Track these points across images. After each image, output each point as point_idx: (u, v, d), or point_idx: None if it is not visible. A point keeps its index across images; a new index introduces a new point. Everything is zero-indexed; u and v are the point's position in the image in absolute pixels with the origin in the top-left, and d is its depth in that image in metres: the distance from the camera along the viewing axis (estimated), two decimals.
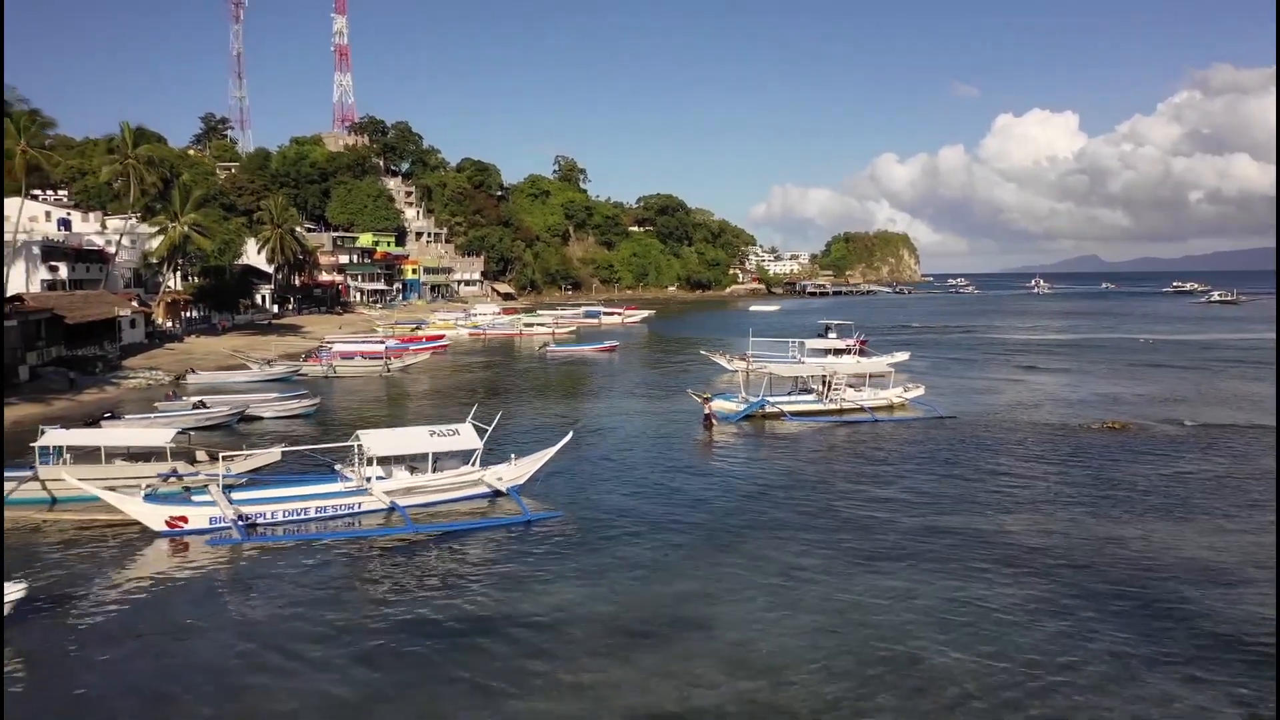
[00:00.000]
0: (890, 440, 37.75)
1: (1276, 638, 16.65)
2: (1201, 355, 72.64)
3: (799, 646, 17.09)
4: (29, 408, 46.58)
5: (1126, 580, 20.68)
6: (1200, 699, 14.99)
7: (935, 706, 14.72)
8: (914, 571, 21.28)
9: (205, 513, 24.21)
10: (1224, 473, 31.29)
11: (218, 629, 18.39)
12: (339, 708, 14.95)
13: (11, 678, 16.22)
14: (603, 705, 14.93)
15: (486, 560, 22.64)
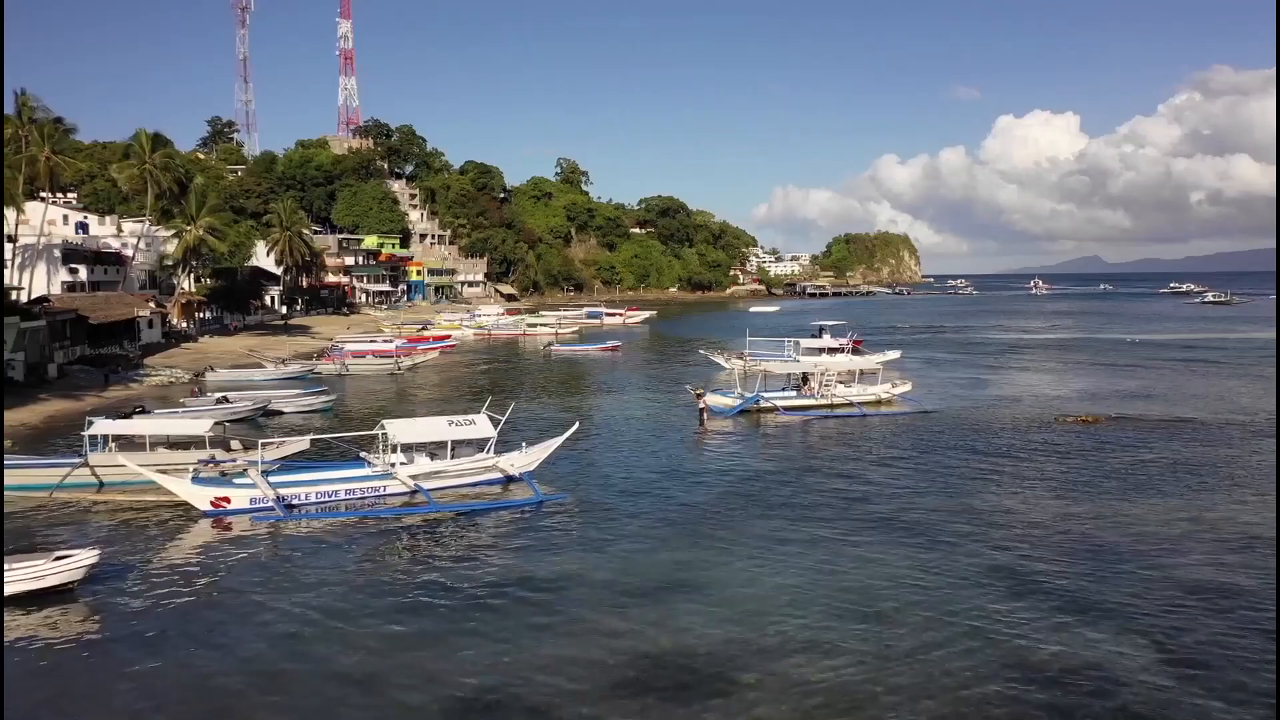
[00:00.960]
0: (875, 432, 40.23)
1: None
2: (1183, 354, 75.08)
3: (778, 602, 19.57)
4: (60, 403, 49.07)
5: (1073, 549, 23.17)
6: (1116, 643, 17.39)
7: (893, 650, 17.14)
8: (885, 543, 23.78)
9: (246, 494, 26.71)
10: (1180, 460, 33.77)
11: (264, 589, 20.86)
12: (373, 653, 17.36)
13: (90, 631, 18.67)
14: (606, 648, 17.37)
15: (501, 535, 25.14)
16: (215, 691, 15.85)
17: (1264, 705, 14.98)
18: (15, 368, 50.85)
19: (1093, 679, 15.89)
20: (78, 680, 16.42)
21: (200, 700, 15.55)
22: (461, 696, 15.51)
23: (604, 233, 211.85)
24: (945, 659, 16.72)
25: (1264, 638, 17.60)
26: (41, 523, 26.18)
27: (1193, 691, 15.52)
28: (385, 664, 16.86)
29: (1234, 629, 18.13)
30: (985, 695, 15.32)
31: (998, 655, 16.88)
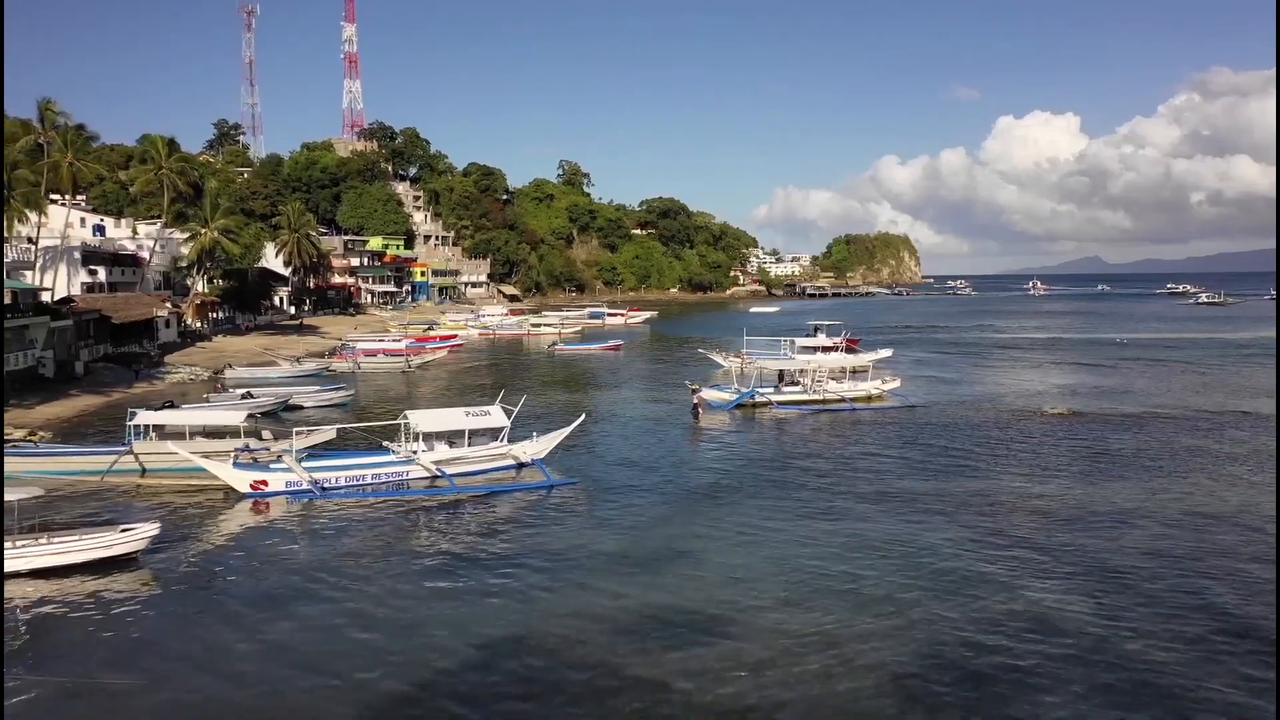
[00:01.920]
0: (863, 424, 42.80)
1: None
2: (1166, 354, 77.53)
3: (764, 568, 22.12)
4: (89, 398, 51.64)
5: (1031, 524, 25.74)
6: (1059, 600, 19.90)
7: (864, 606, 19.65)
8: (863, 519, 26.37)
9: (282, 477, 29.28)
10: (1141, 449, 36.44)
11: (305, 558, 23.43)
12: (407, 608, 19.90)
13: (153, 592, 21.16)
14: (610, 605, 19.90)
15: (517, 514, 27.70)
16: (270, 642, 18.37)
17: (1161, 641, 17.52)
18: (46, 365, 53.40)
19: (1038, 627, 18.41)
20: (144, 634, 18.94)
21: (257, 650, 18.03)
22: (486, 641, 18.03)
23: (605, 234, 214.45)
24: (910, 612, 19.25)
25: (1183, 591, 20.20)
26: (98, 503, 28.69)
27: (1116, 630, 18.03)
28: (419, 616, 19.42)
29: (1161, 588, 20.71)
30: (941, 639, 17.84)
31: (955, 609, 19.39)
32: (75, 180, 71.56)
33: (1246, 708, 15.17)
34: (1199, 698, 15.55)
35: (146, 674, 16.83)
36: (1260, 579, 21.21)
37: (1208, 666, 16.71)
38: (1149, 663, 16.88)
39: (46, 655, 17.70)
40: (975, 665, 16.69)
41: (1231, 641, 17.78)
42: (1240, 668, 16.63)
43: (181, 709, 15.56)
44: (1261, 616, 18.97)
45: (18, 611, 19.84)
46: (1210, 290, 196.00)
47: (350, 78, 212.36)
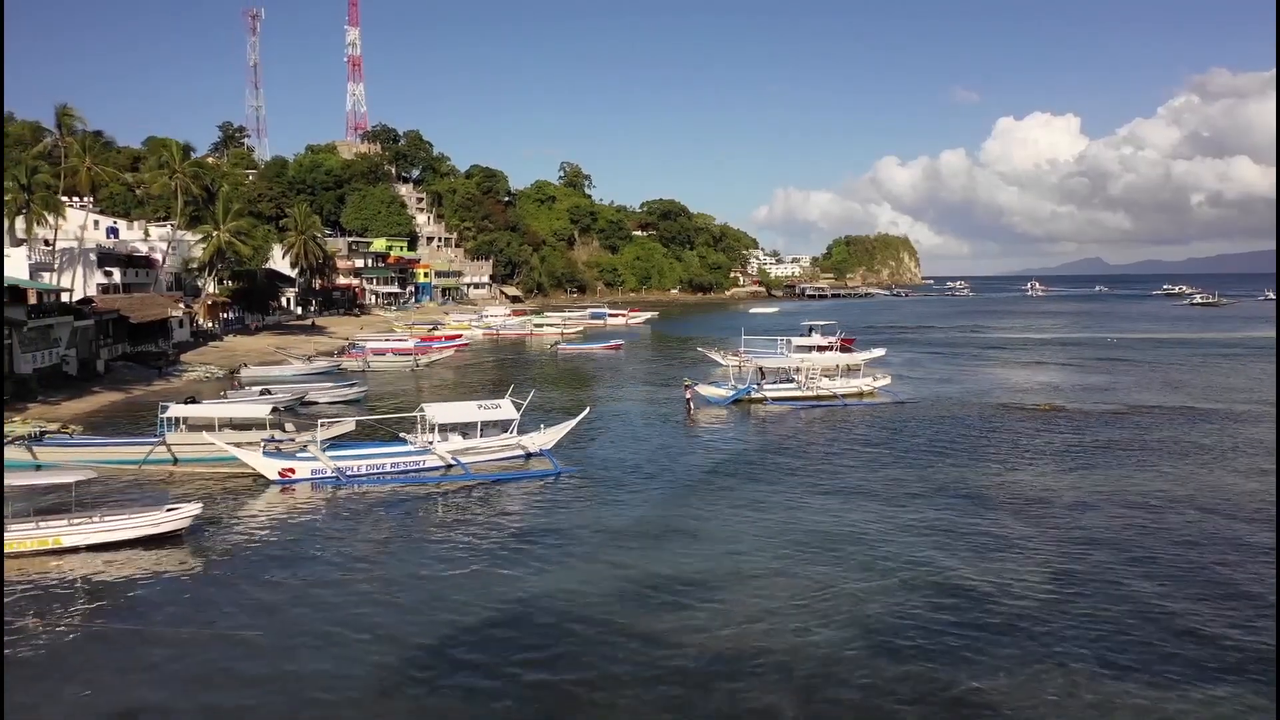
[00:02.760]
0: (854, 419, 44.99)
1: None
2: (1153, 352, 79.73)
3: (752, 544, 24.33)
4: (111, 395, 53.85)
5: (1002, 506, 27.91)
6: (1018, 573, 22.04)
7: (842, 575, 21.80)
8: (846, 502, 28.63)
9: (308, 465, 31.51)
10: (1114, 440, 38.67)
11: (333, 535, 25.63)
12: (430, 577, 22.07)
13: (196, 566, 23.29)
14: (614, 574, 22.08)
15: (527, 498, 29.90)
16: (305, 603, 20.55)
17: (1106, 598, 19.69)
18: (70, 363, 55.58)
19: (998, 592, 20.56)
20: (196, 594, 21.11)
21: (296, 609, 20.19)
22: (503, 603, 20.21)
23: (606, 235, 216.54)
24: (883, 580, 21.44)
25: (1129, 561, 22.39)
26: (142, 488, 30.83)
27: (1064, 593, 20.20)
28: (438, 582, 21.64)
29: (1113, 562, 22.90)
30: (909, 603, 20.01)
31: (924, 577, 21.58)
32: (94, 185, 73.60)
33: (1185, 658, 17.27)
34: (1128, 647, 17.67)
35: (205, 625, 19.10)
36: (1195, 555, 23.42)
37: (1145, 626, 18.85)
38: (1091, 619, 19.02)
39: (110, 611, 19.88)
40: (938, 624, 18.82)
41: (1169, 598, 19.95)
42: (1181, 622, 18.77)
43: (231, 649, 17.71)
44: (1188, 586, 21.15)
45: (78, 581, 21.98)
46: (1204, 291, 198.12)
47: (353, 80, 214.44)
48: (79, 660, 17.52)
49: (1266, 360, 70.33)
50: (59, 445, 35.03)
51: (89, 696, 15.97)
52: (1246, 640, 17.95)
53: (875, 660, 17.05)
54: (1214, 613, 19.42)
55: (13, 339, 49.36)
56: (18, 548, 23.46)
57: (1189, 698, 15.68)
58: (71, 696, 15.95)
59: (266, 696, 15.95)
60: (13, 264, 61.30)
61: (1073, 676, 16.42)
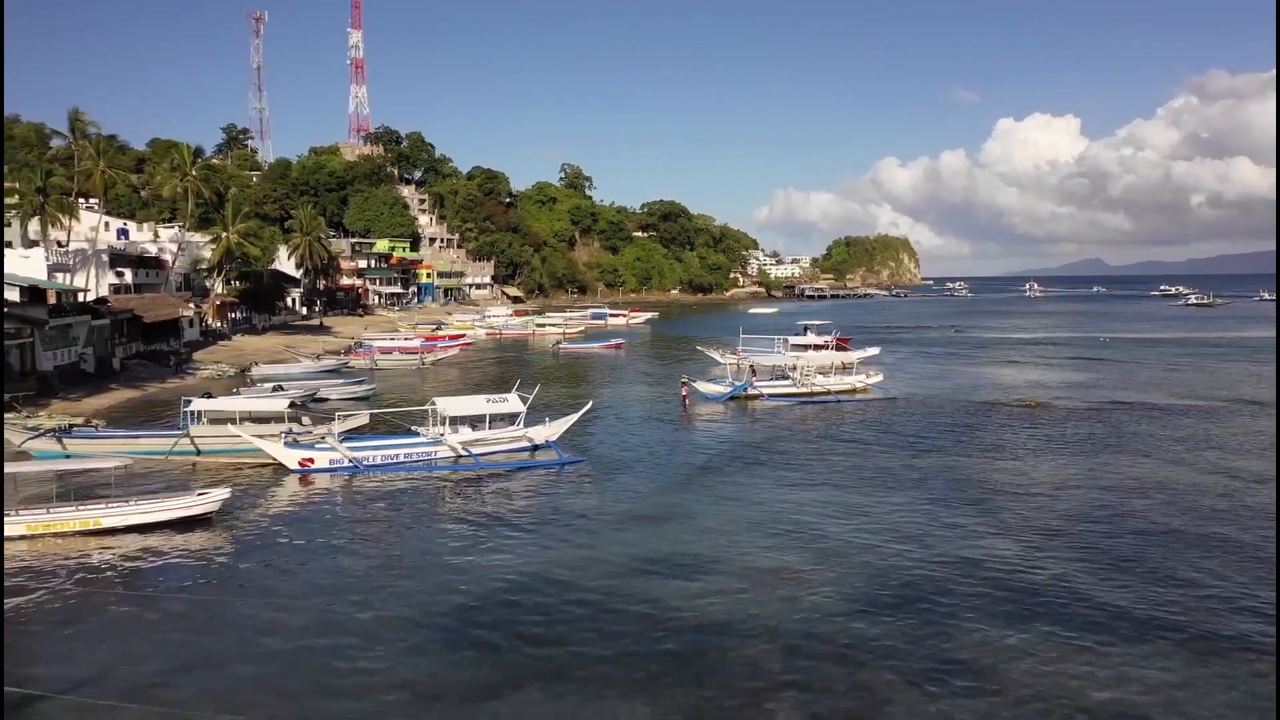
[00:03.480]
0: (845, 414, 46.77)
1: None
2: (1144, 351, 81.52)
3: (745, 525, 26.11)
4: (128, 392, 55.59)
5: (982, 493, 29.67)
6: (994, 547, 23.78)
7: (829, 552, 23.54)
8: (835, 488, 30.45)
9: (326, 455, 33.25)
10: (1094, 433, 40.54)
11: (352, 519, 27.38)
12: (438, 555, 23.80)
13: (226, 547, 24.99)
14: (618, 551, 23.81)
15: (534, 486, 31.67)
16: (328, 575, 22.29)
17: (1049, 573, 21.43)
18: (87, 361, 57.33)
19: (969, 569, 22.28)
20: (220, 577, 22.88)
21: (319, 581, 21.93)
22: (512, 576, 21.93)
23: (607, 236, 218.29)
24: (863, 556, 23.19)
25: (1097, 544, 24.14)
26: (168, 476, 32.57)
27: (1032, 566, 21.93)
28: (451, 558, 23.40)
29: (1077, 540, 24.69)
30: (886, 575, 21.75)
31: (903, 554, 23.31)
32: (107, 188, 75.32)
33: (1134, 619, 18.99)
34: (1079, 611, 19.40)
35: (238, 591, 20.90)
36: (1153, 536, 25.17)
37: (1103, 594, 20.60)
38: (1056, 589, 20.77)
39: (143, 584, 21.62)
40: (915, 593, 20.56)
41: (1125, 572, 21.71)
42: (1140, 587, 20.51)
43: (257, 618, 19.46)
44: (1144, 557, 22.92)
45: (117, 560, 23.69)
46: (1200, 292, 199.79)
47: (356, 83, 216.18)
48: (116, 627, 19.28)
49: (1251, 359, 72.18)
50: (87, 437, 36.78)
51: (123, 661, 17.64)
52: (1186, 604, 19.71)
53: (855, 624, 18.79)
54: (1163, 585, 21.19)
55: (34, 337, 51.08)
56: (60, 528, 25.23)
57: (1136, 652, 17.38)
58: (107, 660, 17.64)
59: (291, 661, 17.61)
60: (31, 265, 63.06)
61: (1032, 635, 18.16)
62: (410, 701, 15.69)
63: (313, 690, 16.19)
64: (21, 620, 19.34)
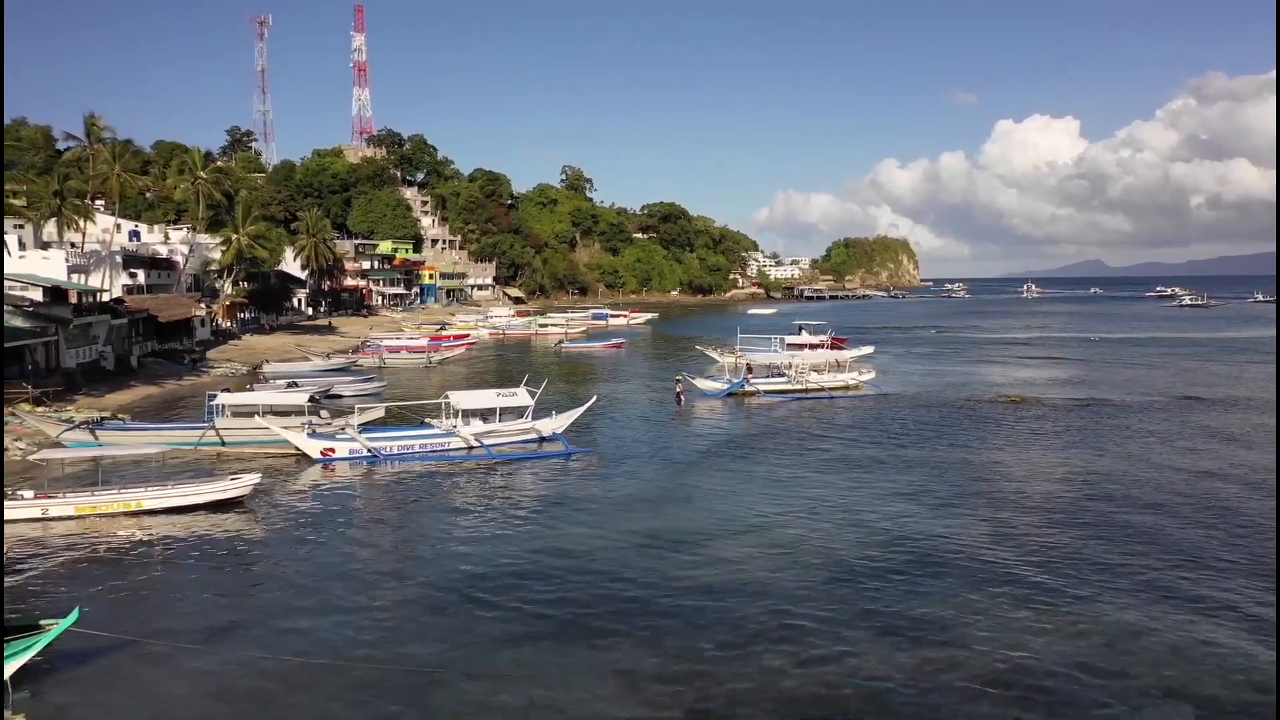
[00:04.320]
0: (838, 408, 48.96)
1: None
2: (1131, 350, 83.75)
3: (739, 506, 28.26)
4: (147, 388, 57.64)
5: (961, 479, 31.77)
6: (976, 525, 25.85)
7: (815, 532, 25.62)
8: (823, 473, 32.65)
9: (346, 446, 35.36)
10: (1071, 425, 42.85)
11: (374, 504, 29.47)
12: (454, 535, 25.86)
13: (256, 528, 27.04)
14: (624, 530, 25.89)
15: (542, 474, 33.82)
16: (353, 549, 24.38)
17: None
18: (107, 359, 59.38)
19: (943, 544, 24.37)
20: (251, 553, 24.97)
21: (343, 561, 23.98)
22: (523, 553, 23.99)
23: (607, 238, 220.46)
24: (848, 531, 25.27)
25: (1062, 520, 26.25)
26: (199, 465, 34.65)
27: (997, 546, 24.01)
28: (466, 538, 25.45)
29: (1044, 518, 26.84)
30: (867, 548, 23.83)
31: (884, 530, 25.42)
32: (123, 192, 77.40)
33: (1093, 583, 21.05)
34: (1031, 575, 21.46)
35: (270, 561, 22.96)
36: (1118, 515, 27.26)
37: (1068, 561, 22.68)
38: (1017, 558, 22.85)
39: (182, 558, 23.69)
40: (893, 564, 22.64)
41: (1088, 544, 23.81)
42: (1098, 557, 22.58)
43: (287, 589, 21.51)
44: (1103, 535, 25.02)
45: (154, 545, 25.73)
46: (1194, 293, 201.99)
47: (359, 86, 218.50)
48: (163, 595, 21.35)
49: (1232, 360, 74.32)
50: (118, 429, 38.85)
51: (167, 623, 19.71)
52: (1137, 565, 21.80)
53: (837, 589, 20.90)
54: (1123, 550, 23.27)
55: (59, 336, 53.15)
56: (105, 509, 27.33)
57: (1095, 610, 19.45)
58: (153, 623, 19.69)
59: (320, 624, 19.60)
60: (51, 266, 65.13)
61: (1000, 600, 20.26)
62: (439, 650, 17.72)
63: (345, 640, 18.20)
64: (75, 579, 21.43)
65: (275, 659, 17.17)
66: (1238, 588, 20.99)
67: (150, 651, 17.57)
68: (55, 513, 26.79)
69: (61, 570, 22.74)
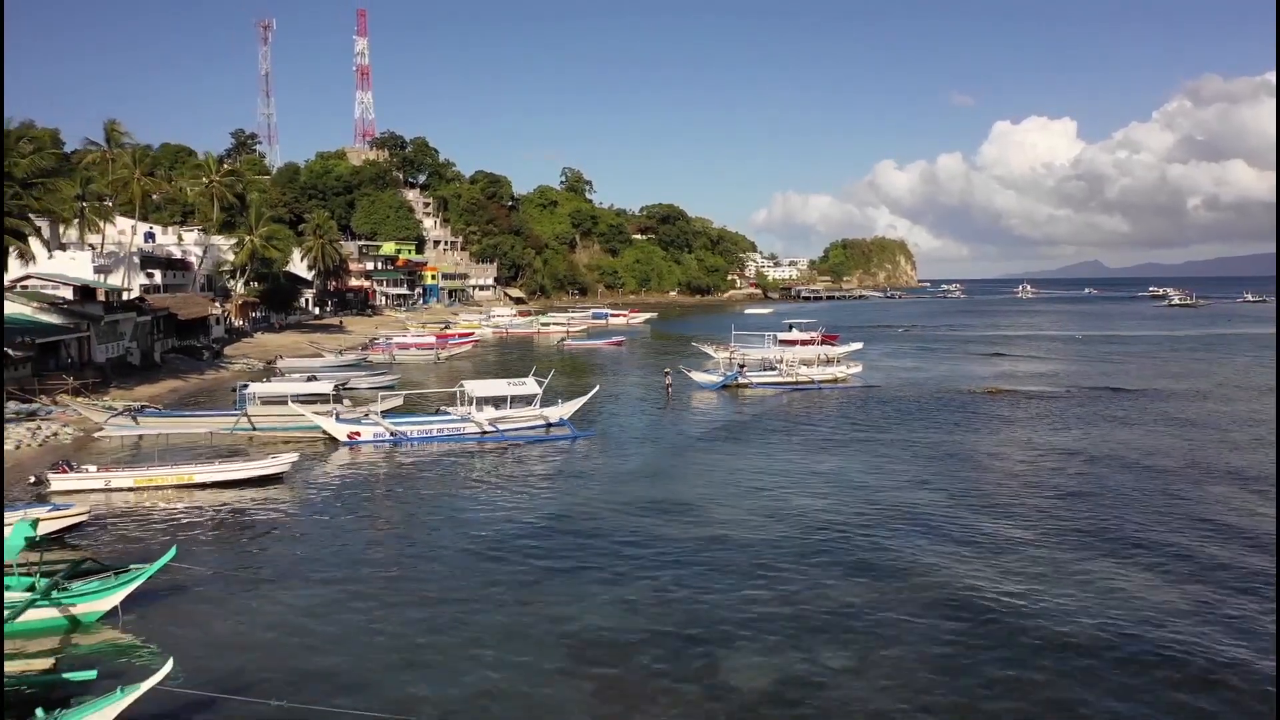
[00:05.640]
0: (825, 399, 52.25)
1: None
2: (1112, 346, 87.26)
3: (732, 481, 31.51)
4: (172, 381, 60.71)
5: (934, 458, 35.00)
6: (931, 497, 29.04)
7: (801, 499, 28.82)
8: (807, 453, 35.90)
9: (371, 430, 38.60)
10: (1039, 413, 46.17)
11: (398, 479, 32.63)
12: (472, 506, 29.04)
13: (296, 499, 30.18)
14: (625, 499, 29.10)
15: (551, 455, 37.05)
16: (380, 515, 27.57)
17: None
18: (133, 354, 62.59)
19: (916, 508, 27.56)
20: (292, 521, 28.13)
21: (373, 526, 27.17)
22: (540, 515, 27.20)
23: (607, 239, 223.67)
24: (827, 500, 28.47)
25: (1023, 490, 29.47)
26: (234, 447, 37.86)
27: (956, 513, 27.19)
28: (484, 507, 28.64)
29: (1006, 489, 30.04)
30: (844, 516, 27.02)
31: (859, 497, 28.62)
32: (145, 196, 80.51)
33: (1050, 543, 24.25)
34: (981, 532, 24.65)
35: (307, 524, 26.14)
36: (1079, 486, 30.51)
37: (1029, 527, 25.88)
38: (973, 520, 26.07)
39: (231, 525, 26.88)
40: (866, 526, 25.83)
41: (1048, 512, 27.03)
42: (1056, 521, 25.80)
43: (322, 551, 24.65)
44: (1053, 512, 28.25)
45: (208, 510, 28.89)
46: (1183, 292, 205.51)
47: (361, 89, 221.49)
48: (232, 543, 24.55)
49: (1208, 352, 77.68)
50: (157, 416, 42.06)
51: (242, 562, 22.93)
52: (1098, 527, 25.03)
53: (811, 541, 24.17)
54: (1066, 507, 26.49)
55: (90, 332, 56.34)
56: (160, 482, 30.54)
57: (1053, 562, 22.65)
58: (233, 563, 22.91)
59: (358, 567, 22.80)
60: (79, 266, 68.39)
61: (952, 546, 23.50)
62: (473, 586, 20.89)
63: (391, 577, 21.38)
64: (157, 533, 24.63)
65: (336, 589, 20.43)
66: (1161, 536, 24.20)
67: (237, 580, 21.00)
68: (116, 484, 29.99)
69: (138, 528, 25.97)
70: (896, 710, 14.97)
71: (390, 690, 15.71)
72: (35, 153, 49.36)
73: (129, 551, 23.13)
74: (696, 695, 15.50)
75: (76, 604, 18.30)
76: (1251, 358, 76.23)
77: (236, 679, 15.79)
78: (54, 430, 39.24)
